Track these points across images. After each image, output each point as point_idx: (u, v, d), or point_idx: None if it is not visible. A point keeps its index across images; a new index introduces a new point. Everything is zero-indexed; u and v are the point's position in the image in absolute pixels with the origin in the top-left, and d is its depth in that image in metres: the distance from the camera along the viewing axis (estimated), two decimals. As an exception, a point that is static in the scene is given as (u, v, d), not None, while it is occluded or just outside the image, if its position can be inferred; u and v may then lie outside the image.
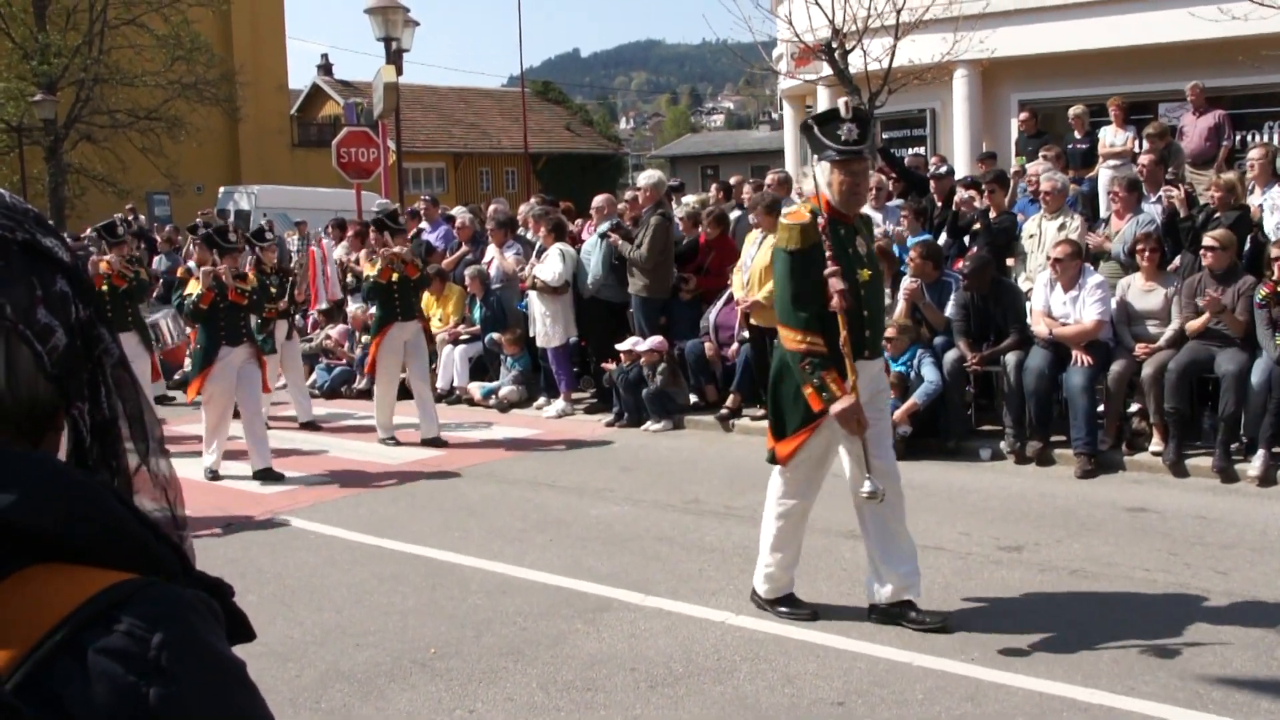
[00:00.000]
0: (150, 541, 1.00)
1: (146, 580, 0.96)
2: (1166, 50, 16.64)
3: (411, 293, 11.18)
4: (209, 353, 9.80)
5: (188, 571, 1.04)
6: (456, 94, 54.86)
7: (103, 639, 0.89)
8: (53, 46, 32.28)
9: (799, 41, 16.04)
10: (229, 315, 9.83)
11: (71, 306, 1.06)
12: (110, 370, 1.09)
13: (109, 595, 0.92)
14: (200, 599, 0.99)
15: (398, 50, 18.61)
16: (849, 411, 5.62)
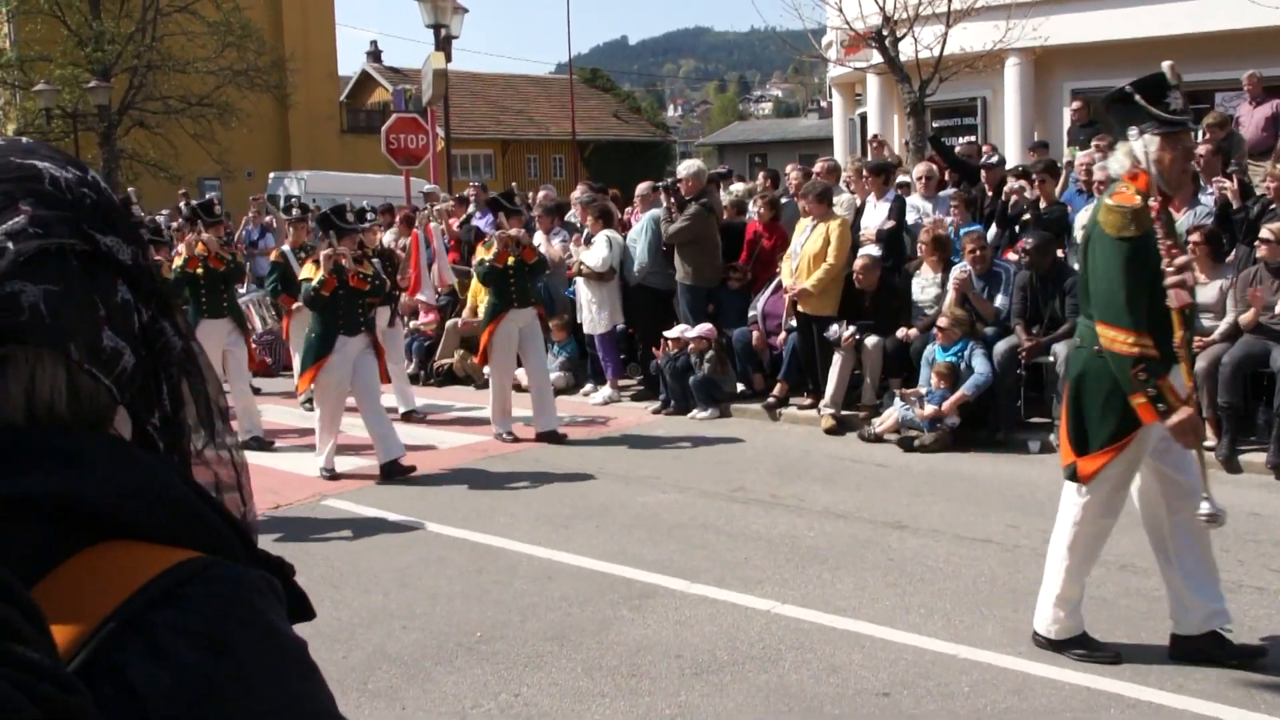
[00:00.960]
0: (214, 521, 1.00)
1: (211, 559, 0.96)
2: (1223, 38, 16.39)
3: (528, 278, 10.61)
4: (326, 342, 9.24)
5: (250, 551, 1.04)
6: (504, 81, 54.99)
7: (168, 617, 0.89)
8: (107, 34, 32.65)
9: (849, 29, 15.95)
10: (348, 303, 9.30)
11: (134, 314, 1.03)
12: (174, 365, 1.07)
13: (175, 573, 0.92)
14: (263, 578, 0.99)
15: (447, 37, 18.70)
16: (1187, 423, 4.93)
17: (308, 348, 9.45)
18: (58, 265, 0.96)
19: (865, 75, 21.31)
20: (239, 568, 0.97)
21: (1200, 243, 9.11)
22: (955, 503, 8.05)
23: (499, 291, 10.46)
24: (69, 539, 0.92)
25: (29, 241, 0.95)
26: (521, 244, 10.46)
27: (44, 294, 0.95)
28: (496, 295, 10.49)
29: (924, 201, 11.87)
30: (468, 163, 45.78)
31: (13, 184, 0.98)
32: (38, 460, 0.93)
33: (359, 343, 9.42)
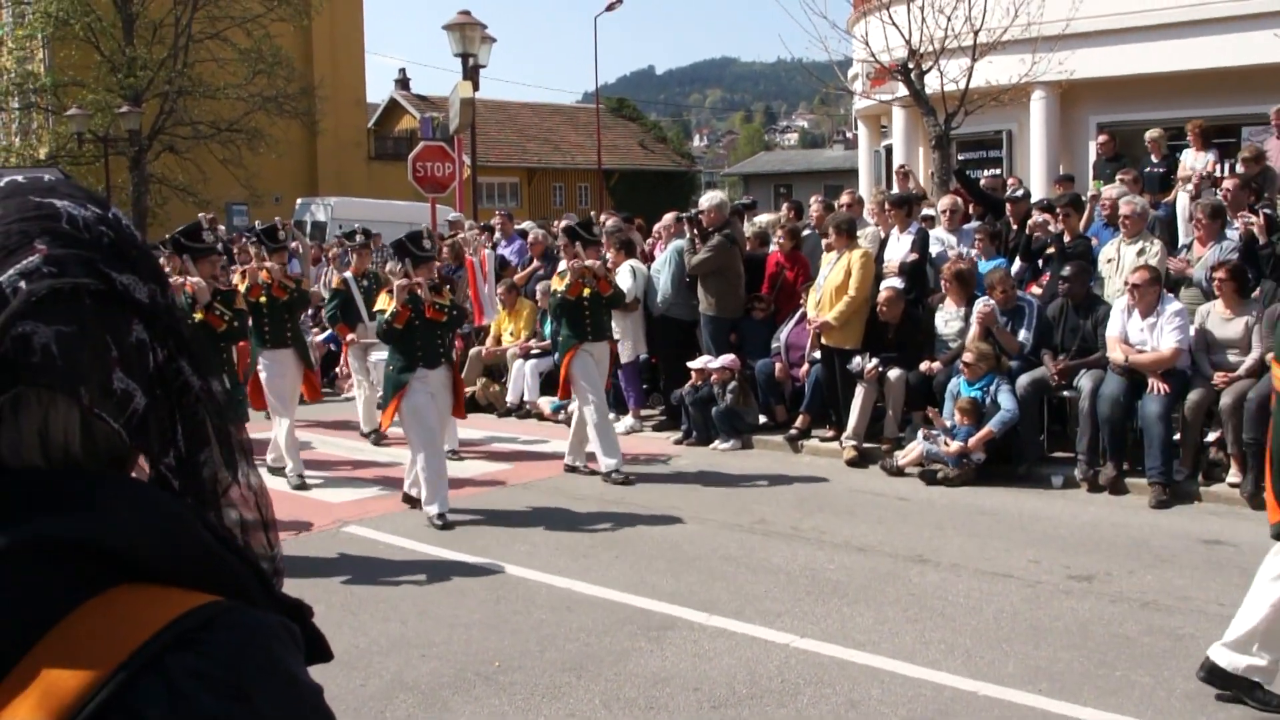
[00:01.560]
0: (234, 564, 1.00)
1: (230, 604, 0.95)
2: (1249, 73, 16.35)
3: (603, 311, 10.21)
4: (406, 375, 8.74)
5: (270, 594, 1.04)
6: (531, 110, 55.31)
7: (186, 661, 0.89)
8: (139, 60, 33.06)
9: (875, 62, 15.97)
10: (425, 335, 8.80)
11: (149, 354, 1.02)
12: (189, 402, 1.06)
13: (193, 618, 0.92)
14: (282, 624, 0.99)
15: (474, 66, 18.83)
16: None
17: (387, 383, 9.02)
18: (71, 305, 0.95)
19: (890, 107, 21.33)
20: (258, 613, 0.97)
21: (1225, 279, 9.08)
22: (977, 537, 8.01)
23: (573, 324, 10.02)
24: (87, 582, 0.91)
25: (42, 281, 0.94)
26: (597, 275, 10.01)
27: (56, 335, 0.94)
28: (570, 328, 10.03)
29: (948, 234, 11.86)
30: (494, 191, 46.01)
31: (30, 222, 0.97)
32: (55, 503, 0.93)
33: (440, 376, 8.95)
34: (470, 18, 18.93)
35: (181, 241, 8.74)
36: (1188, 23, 16.85)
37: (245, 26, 34.37)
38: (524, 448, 11.54)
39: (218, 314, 8.42)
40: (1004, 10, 14.63)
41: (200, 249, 8.69)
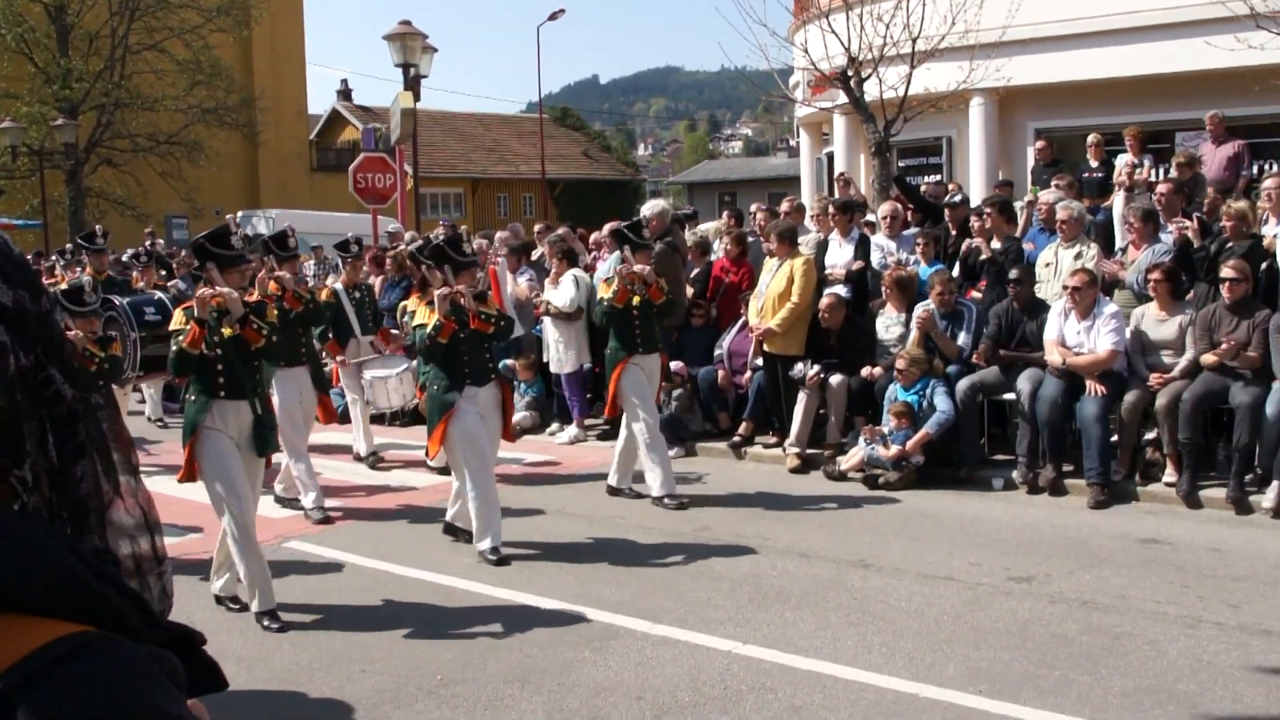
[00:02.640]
0: (106, 593, 0.94)
1: (95, 635, 0.90)
2: (1183, 79, 16.62)
3: (655, 320, 9.48)
4: (453, 395, 7.90)
5: (151, 623, 0.98)
6: (475, 119, 55.17)
7: (37, 696, 0.84)
8: (75, 71, 32.64)
9: (815, 70, 16.08)
10: (472, 348, 8.00)
11: (9, 358, 0.98)
12: (63, 411, 1.02)
13: (52, 650, 0.87)
14: (154, 654, 0.93)
15: (416, 76, 18.75)
16: None
17: (433, 406, 8.05)
18: None
19: (832, 115, 21.47)
20: (124, 643, 0.92)
21: (1161, 280, 9.20)
22: (918, 541, 8.06)
23: (621, 335, 9.30)
24: None
25: None
26: (647, 282, 9.25)
27: None
28: (618, 339, 9.31)
29: (888, 241, 11.94)
30: (437, 201, 45.85)
31: None
32: None
33: (490, 395, 8.14)
34: (411, 28, 18.86)
35: (206, 247, 7.22)
36: (1122, 30, 17.09)
37: (184, 37, 34.05)
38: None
39: (255, 327, 7.03)
40: (942, 18, 14.79)
41: (228, 256, 7.18)
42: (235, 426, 6.85)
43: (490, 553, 7.79)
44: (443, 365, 7.96)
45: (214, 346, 6.80)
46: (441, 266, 8.17)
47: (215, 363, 6.83)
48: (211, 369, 6.83)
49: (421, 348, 8.08)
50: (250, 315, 7.00)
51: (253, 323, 6.96)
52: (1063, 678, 5.54)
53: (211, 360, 6.83)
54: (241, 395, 6.90)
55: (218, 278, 7.02)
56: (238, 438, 6.85)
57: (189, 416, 6.85)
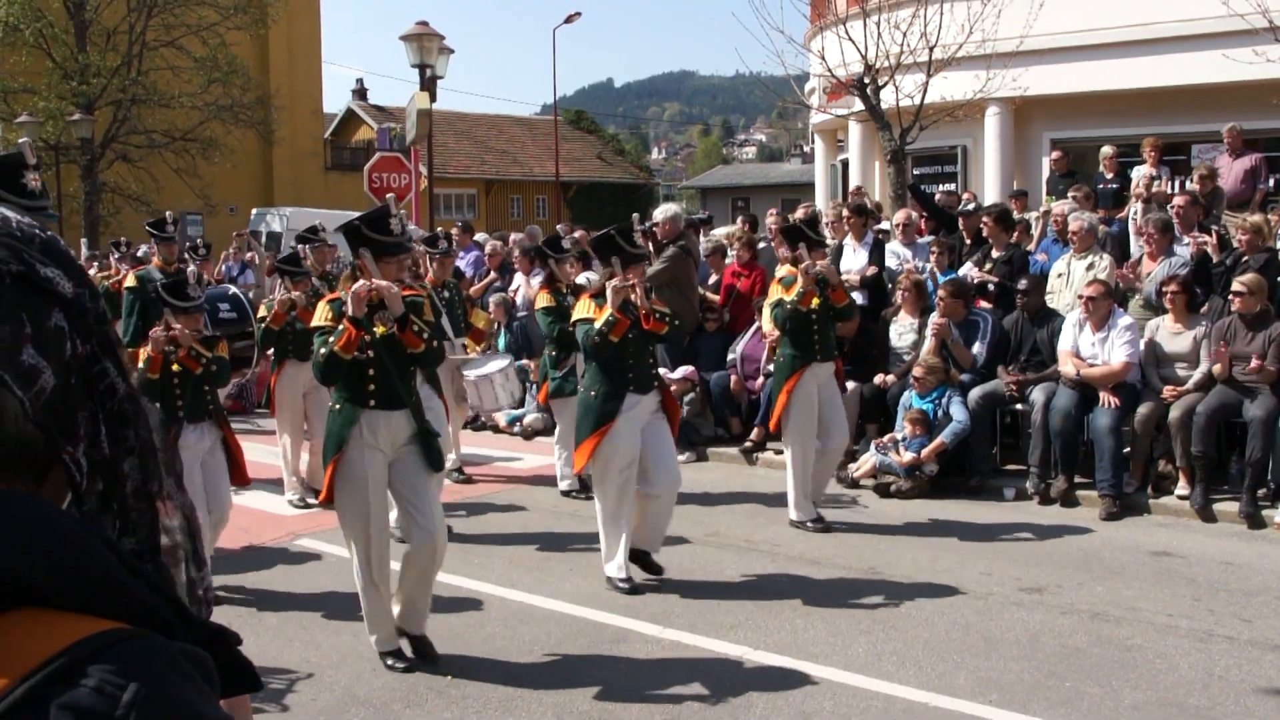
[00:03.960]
0: (141, 590, 0.94)
1: (129, 631, 0.90)
2: (1200, 92, 16.58)
3: (831, 326, 8.69)
4: (612, 403, 7.05)
5: (186, 621, 0.98)
6: (489, 121, 55.22)
7: (69, 693, 0.83)
8: (92, 67, 32.70)
9: (831, 77, 16.07)
10: (639, 350, 7.17)
11: (66, 343, 1.00)
12: (115, 408, 1.04)
13: (85, 647, 0.86)
14: (188, 652, 0.93)
15: (432, 77, 18.76)
16: None
17: (585, 411, 7.18)
18: None
19: (847, 122, 21.46)
20: (159, 641, 0.91)
21: (1177, 292, 9.19)
22: (930, 550, 8.05)
23: (798, 341, 8.48)
24: None
25: None
26: (831, 283, 8.52)
27: None
28: (795, 345, 8.49)
29: (903, 248, 11.93)
30: (451, 202, 45.89)
31: None
32: None
33: (652, 404, 7.29)
34: (428, 28, 18.88)
35: (362, 231, 6.01)
36: (1139, 41, 17.06)
37: (201, 35, 34.08)
38: (479, 462, 11.48)
39: (415, 330, 5.98)
40: (959, 27, 14.77)
41: (387, 244, 6.02)
42: (388, 440, 5.94)
43: (622, 581, 7.11)
44: (604, 368, 7.09)
45: (366, 348, 5.85)
46: (608, 258, 7.32)
47: (367, 367, 5.89)
48: (362, 375, 5.91)
49: (587, 345, 7.08)
50: (410, 315, 5.92)
51: (413, 324, 5.90)
52: (1073, 689, 5.53)
53: (363, 364, 5.90)
54: (397, 404, 5.94)
55: (373, 268, 5.96)
56: (390, 453, 5.97)
57: (333, 428, 5.97)
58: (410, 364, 6.13)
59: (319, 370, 5.98)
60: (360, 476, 5.88)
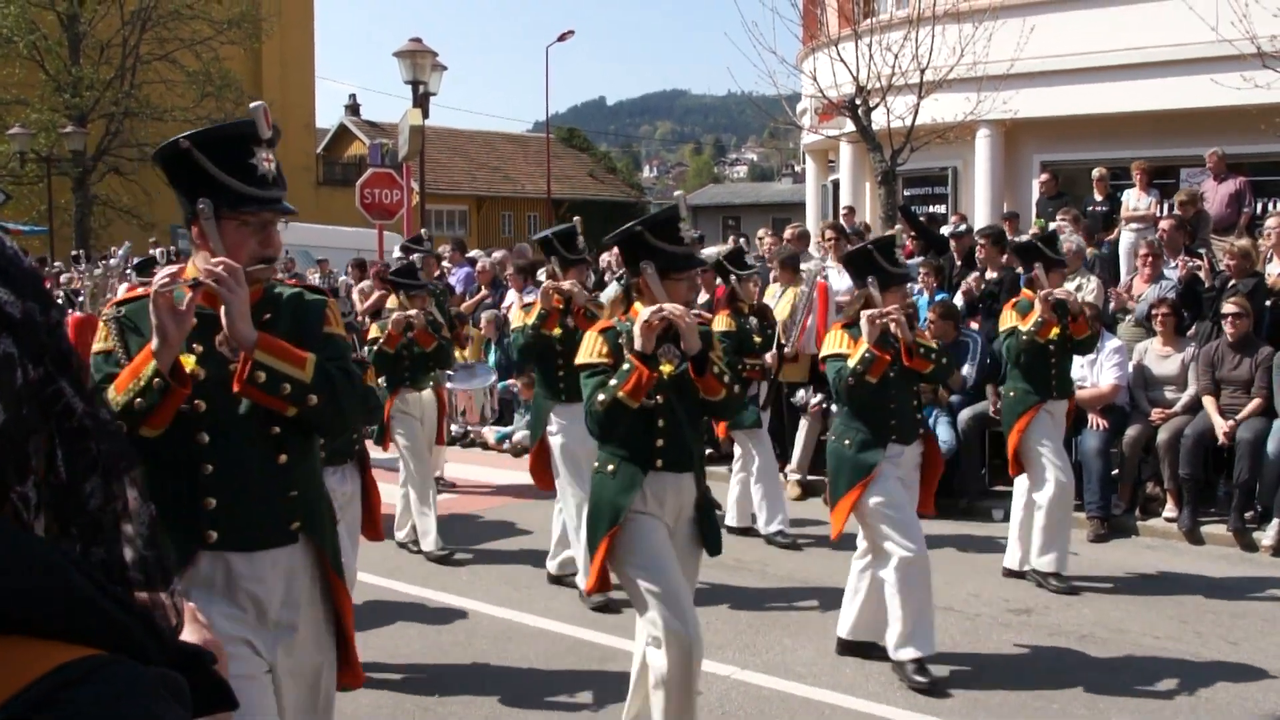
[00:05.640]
0: (114, 613, 0.93)
1: (105, 658, 0.89)
2: (1188, 116, 16.69)
3: (1068, 360, 7.97)
4: (873, 449, 6.00)
5: (162, 643, 0.97)
6: (482, 138, 55.30)
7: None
8: (85, 80, 32.74)
9: (823, 97, 16.15)
10: (902, 391, 6.13)
11: (16, 370, 0.95)
12: (74, 424, 1.00)
13: (61, 674, 0.85)
14: (161, 677, 0.92)
15: (425, 94, 18.82)
16: None
17: (838, 464, 6.12)
18: None
19: (838, 142, 21.55)
20: (134, 667, 0.90)
21: (1167, 315, 9.24)
22: (918, 570, 8.05)
23: (1033, 375, 7.57)
24: None
25: None
26: (1072, 311, 7.50)
27: None
28: (1029, 379, 7.58)
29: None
30: (442, 218, 45.93)
31: None
32: None
33: (915, 455, 6.27)
34: (421, 45, 18.95)
35: (646, 238, 4.76)
36: (1129, 65, 17.17)
37: (194, 49, 34.16)
38: (468, 478, 11.48)
39: (715, 371, 5.05)
40: (950, 49, 14.86)
41: (676, 256, 4.71)
42: (674, 509, 4.70)
43: (916, 669, 5.87)
44: (859, 413, 6.02)
45: (654, 393, 4.55)
46: (865, 278, 6.09)
47: (656, 417, 4.60)
48: (649, 427, 4.61)
49: (839, 386, 5.93)
50: (709, 353, 4.62)
51: (713, 364, 4.61)
52: (1061, 710, 5.55)
53: (650, 414, 4.58)
54: (686, 464, 4.69)
55: (657, 288, 4.59)
56: (674, 526, 4.73)
57: (605, 496, 4.66)
58: (704, 413, 4.91)
59: (597, 421, 4.55)
60: (646, 549, 4.60)
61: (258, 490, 3.21)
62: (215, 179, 3.18)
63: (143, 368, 3.03)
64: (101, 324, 3.30)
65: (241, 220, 3.23)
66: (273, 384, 3.11)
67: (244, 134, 3.27)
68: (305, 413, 3.18)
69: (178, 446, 3.15)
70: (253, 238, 3.27)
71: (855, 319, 5.97)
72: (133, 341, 3.19)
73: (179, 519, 3.09)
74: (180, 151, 3.23)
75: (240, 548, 3.19)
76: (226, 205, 3.20)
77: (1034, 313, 7.36)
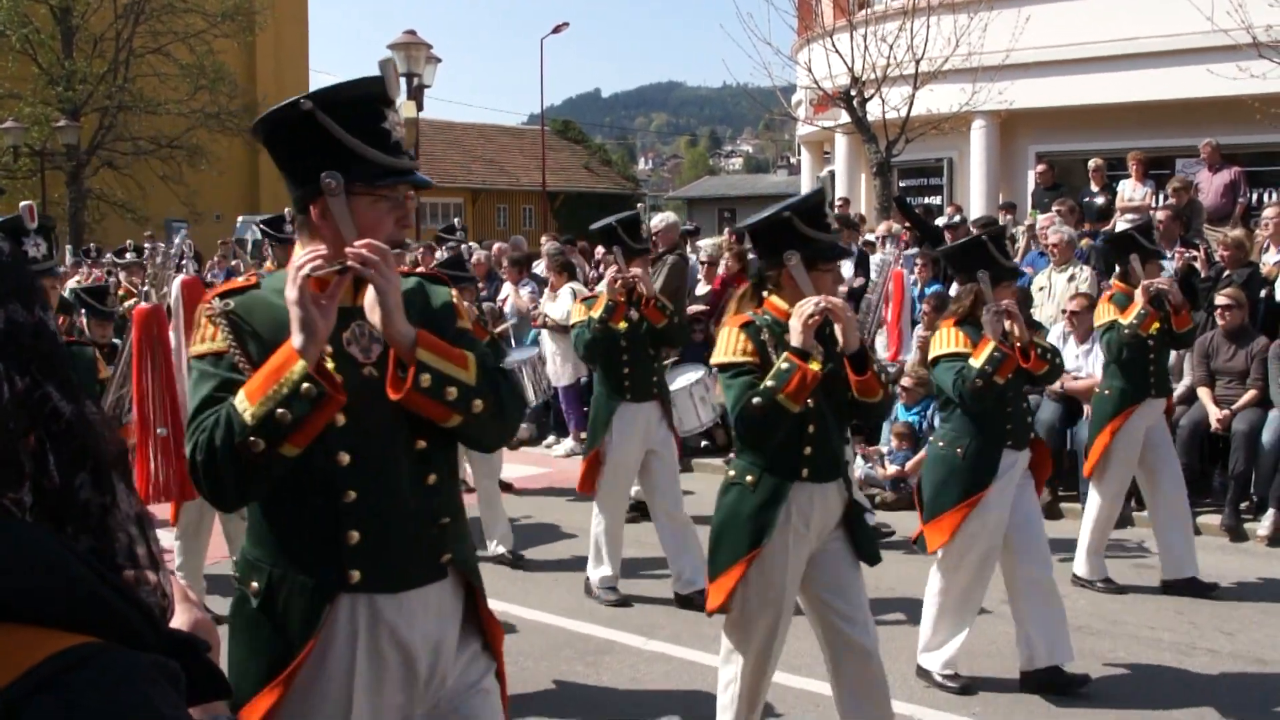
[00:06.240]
0: (113, 601, 0.93)
1: (101, 645, 0.90)
2: (1184, 106, 16.70)
3: (1167, 355, 7.52)
4: (986, 466, 5.57)
5: (157, 631, 0.97)
6: (476, 130, 55.23)
7: (46, 708, 0.83)
8: (78, 73, 32.68)
9: (818, 88, 16.15)
10: (1018, 395, 5.75)
11: (3, 384, 0.95)
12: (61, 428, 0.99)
13: (58, 661, 0.86)
14: (156, 663, 0.92)
15: (419, 86, 18.80)
16: None
17: (947, 473, 5.65)
18: None
19: (834, 134, 21.54)
20: (131, 654, 0.91)
21: (1159, 306, 9.23)
22: (913, 563, 8.04)
23: (1131, 372, 7.12)
24: None
25: None
26: (1174, 303, 7.06)
27: None
28: (1126, 377, 7.14)
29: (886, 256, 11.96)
30: (437, 211, 45.87)
31: None
32: None
33: (1024, 461, 5.80)
34: (416, 37, 18.92)
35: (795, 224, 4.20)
36: (1125, 56, 17.18)
37: (188, 42, 34.09)
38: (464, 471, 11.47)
39: (876, 371, 4.68)
40: (945, 40, 14.87)
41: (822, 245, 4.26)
42: (820, 523, 4.31)
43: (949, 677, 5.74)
44: (973, 419, 5.55)
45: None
46: (976, 272, 5.60)
47: (807, 422, 4.17)
48: (799, 433, 4.18)
49: (963, 390, 5.39)
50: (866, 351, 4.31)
51: (872, 361, 4.32)
52: (1057, 700, 5.54)
53: (799, 419, 4.13)
54: (833, 473, 4.31)
55: (802, 279, 4.22)
56: (820, 538, 4.33)
57: (744, 511, 4.24)
58: (854, 417, 4.64)
59: (751, 427, 4.09)
60: (780, 580, 4.26)
61: (407, 518, 2.69)
62: (346, 147, 2.60)
63: (284, 371, 2.45)
64: (205, 319, 2.68)
65: (377, 196, 2.66)
66: (437, 389, 2.58)
67: (372, 93, 2.72)
68: (467, 422, 2.66)
69: (313, 470, 2.60)
70: (389, 216, 2.68)
71: (967, 315, 5.61)
72: (248, 341, 2.63)
73: (315, 557, 2.64)
74: (300, 115, 2.64)
75: (388, 588, 2.65)
76: (360, 179, 2.62)
77: (1134, 305, 6.97)
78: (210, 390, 2.57)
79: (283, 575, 2.64)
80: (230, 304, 2.66)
